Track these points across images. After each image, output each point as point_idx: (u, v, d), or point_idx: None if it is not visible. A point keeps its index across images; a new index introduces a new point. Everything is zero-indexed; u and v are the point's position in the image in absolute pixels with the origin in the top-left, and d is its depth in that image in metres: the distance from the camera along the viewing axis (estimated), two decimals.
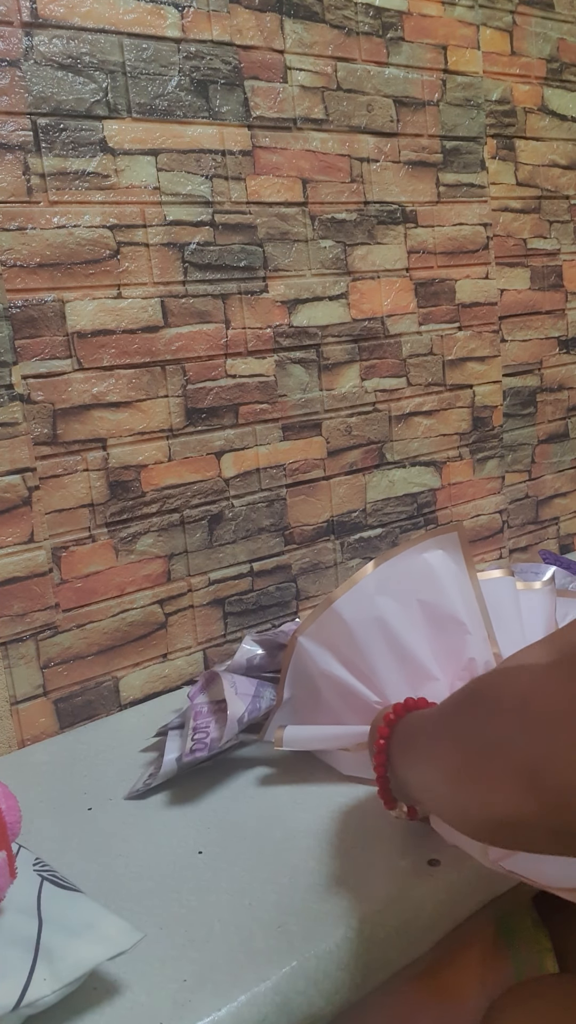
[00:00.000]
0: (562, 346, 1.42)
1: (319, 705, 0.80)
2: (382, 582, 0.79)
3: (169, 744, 0.81)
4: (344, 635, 0.78)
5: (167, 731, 0.85)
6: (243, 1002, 0.52)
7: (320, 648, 0.80)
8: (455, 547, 0.82)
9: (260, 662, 0.86)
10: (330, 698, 0.79)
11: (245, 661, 0.86)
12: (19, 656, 0.92)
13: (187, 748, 0.77)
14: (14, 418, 0.90)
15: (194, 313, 1.01)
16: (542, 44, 1.33)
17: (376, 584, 0.79)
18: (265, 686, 0.83)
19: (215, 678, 0.85)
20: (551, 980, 0.68)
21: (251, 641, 0.89)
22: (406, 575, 0.80)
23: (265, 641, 0.88)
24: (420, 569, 0.81)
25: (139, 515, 1.00)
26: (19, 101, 0.88)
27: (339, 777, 0.78)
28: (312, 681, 0.80)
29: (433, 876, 0.62)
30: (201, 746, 0.77)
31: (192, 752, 0.76)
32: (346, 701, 0.78)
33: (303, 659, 0.81)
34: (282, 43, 1.05)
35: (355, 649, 0.78)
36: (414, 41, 1.17)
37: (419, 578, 0.80)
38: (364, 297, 1.16)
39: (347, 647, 0.78)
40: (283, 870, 0.65)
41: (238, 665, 0.86)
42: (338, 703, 0.79)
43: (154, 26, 0.95)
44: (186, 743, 0.78)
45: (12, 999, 0.49)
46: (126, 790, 0.79)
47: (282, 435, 1.10)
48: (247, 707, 0.79)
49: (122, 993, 0.54)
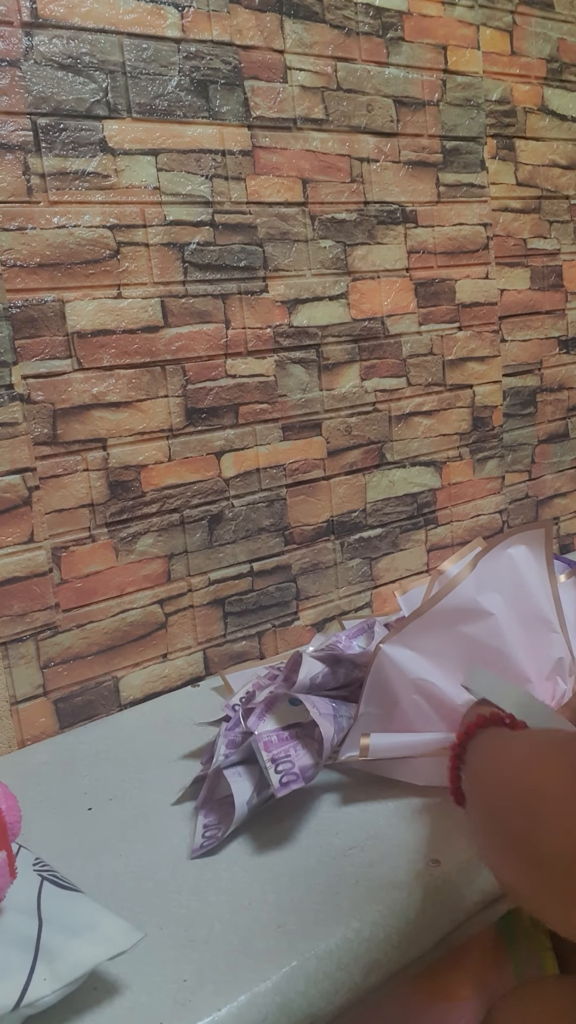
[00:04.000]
0: (562, 346, 1.42)
1: (393, 716, 0.77)
2: (481, 581, 0.77)
3: (235, 787, 0.72)
4: (445, 638, 0.75)
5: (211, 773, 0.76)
6: (243, 1002, 0.52)
7: (411, 654, 0.76)
8: (538, 543, 0.80)
9: (323, 680, 0.81)
10: (410, 707, 0.76)
11: (308, 681, 0.80)
12: (19, 656, 0.92)
13: (276, 782, 0.69)
14: (14, 418, 0.90)
15: (194, 313, 1.01)
16: (542, 44, 1.33)
17: (476, 584, 0.77)
18: (340, 704, 0.78)
19: (276, 702, 0.79)
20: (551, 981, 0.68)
21: (311, 659, 0.83)
22: (496, 572, 0.78)
23: (325, 657, 0.83)
24: (506, 565, 0.79)
25: (139, 515, 1.00)
26: (19, 101, 0.88)
27: (339, 778, 0.78)
28: (391, 691, 0.77)
29: (433, 876, 0.62)
30: (292, 777, 0.70)
31: (285, 785, 0.69)
32: (432, 707, 0.75)
33: (385, 669, 0.77)
34: (282, 43, 1.05)
35: (457, 651, 0.75)
36: (414, 41, 1.17)
37: (506, 574, 0.78)
38: (364, 297, 1.16)
39: (448, 650, 0.75)
40: (283, 870, 0.65)
41: (302, 685, 0.79)
42: (419, 712, 0.75)
43: (154, 26, 0.95)
44: (270, 777, 0.70)
45: (12, 999, 0.49)
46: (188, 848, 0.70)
47: (282, 435, 1.10)
48: (334, 727, 0.74)
49: (122, 993, 0.54)
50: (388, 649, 0.77)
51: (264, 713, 0.78)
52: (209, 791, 0.75)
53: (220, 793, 0.75)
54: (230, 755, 0.76)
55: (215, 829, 0.71)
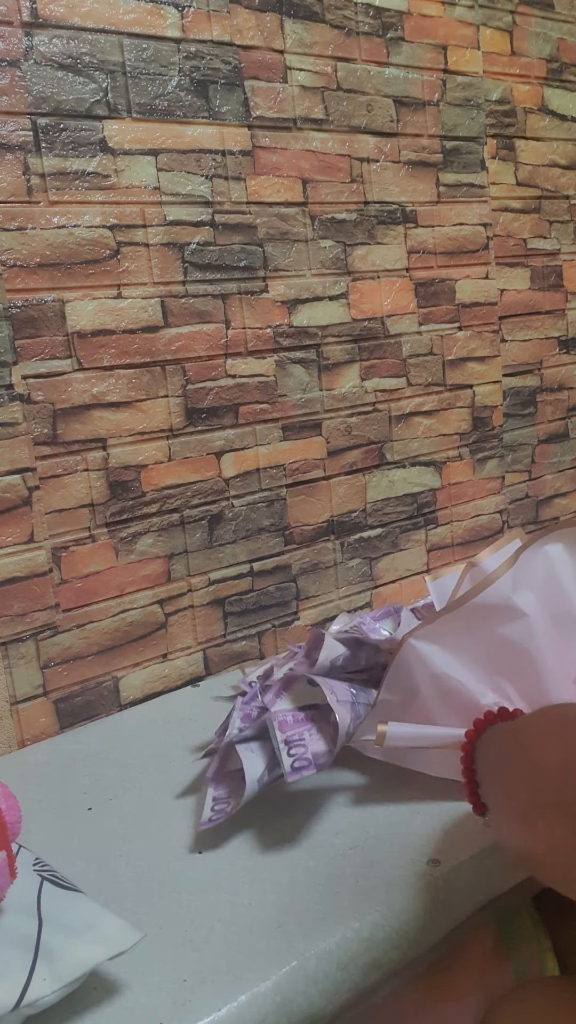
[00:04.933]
0: (562, 346, 1.42)
1: (412, 707, 0.76)
2: (518, 579, 0.75)
3: (246, 763, 0.71)
4: (475, 636, 0.74)
5: (223, 746, 0.76)
6: (243, 1002, 0.52)
7: (437, 649, 0.75)
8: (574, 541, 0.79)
9: (343, 662, 0.80)
10: (430, 701, 0.75)
11: (328, 663, 0.79)
12: (19, 656, 0.92)
13: (287, 766, 0.68)
14: (14, 418, 0.90)
15: (194, 313, 1.01)
16: (542, 44, 1.33)
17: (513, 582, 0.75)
18: (360, 691, 0.76)
19: (294, 681, 0.78)
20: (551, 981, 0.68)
21: (333, 641, 0.81)
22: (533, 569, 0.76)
23: (348, 640, 0.82)
24: (542, 562, 0.77)
25: (139, 515, 1.00)
26: (19, 101, 0.88)
27: (339, 778, 0.78)
28: (412, 682, 0.76)
29: (433, 876, 0.62)
30: (304, 762, 0.69)
31: (296, 770, 0.68)
32: (452, 703, 0.74)
33: (409, 660, 0.75)
34: (282, 43, 1.05)
35: (486, 650, 0.74)
36: (414, 41, 1.17)
37: (542, 572, 0.77)
38: (364, 297, 1.16)
39: (476, 648, 0.74)
40: (283, 870, 0.65)
41: (322, 667, 0.78)
42: (439, 706, 0.74)
43: (154, 26, 0.95)
44: (282, 760, 0.69)
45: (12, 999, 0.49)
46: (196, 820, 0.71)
47: (282, 435, 1.10)
48: (351, 715, 0.72)
49: (122, 993, 0.54)
50: (415, 642, 0.75)
51: (281, 691, 0.77)
52: (221, 763, 0.74)
53: (231, 766, 0.74)
54: (244, 729, 0.75)
55: (224, 803, 0.70)
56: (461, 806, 0.63)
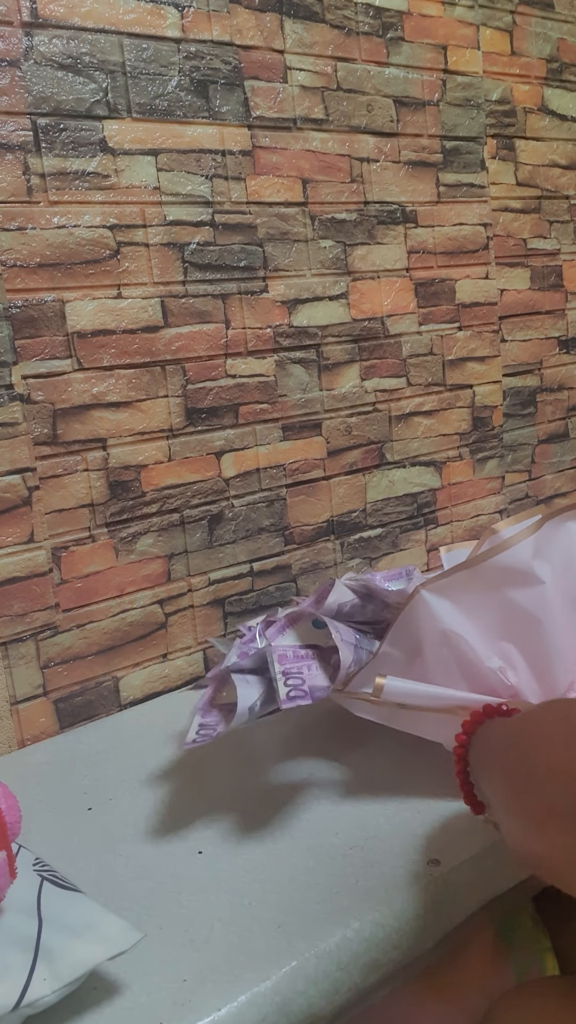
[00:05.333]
0: (562, 346, 1.42)
1: (413, 664, 0.74)
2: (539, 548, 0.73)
3: (240, 691, 0.69)
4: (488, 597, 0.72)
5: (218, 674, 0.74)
6: (243, 1002, 0.52)
7: (448, 604, 0.73)
8: None
9: (350, 610, 0.78)
10: (433, 659, 0.73)
11: (336, 606, 0.77)
12: (19, 656, 0.92)
13: (283, 694, 0.67)
14: (14, 418, 0.90)
15: (194, 313, 1.01)
16: (542, 44, 1.33)
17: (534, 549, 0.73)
18: (364, 637, 0.74)
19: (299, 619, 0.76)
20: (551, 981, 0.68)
21: (344, 586, 0.79)
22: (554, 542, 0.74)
23: (358, 588, 0.80)
24: (563, 537, 0.75)
25: (139, 515, 1.00)
26: (19, 101, 0.88)
27: (339, 778, 0.78)
28: (418, 637, 0.74)
29: (433, 876, 0.62)
30: (300, 693, 0.67)
31: (291, 699, 0.66)
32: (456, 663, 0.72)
33: (418, 613, 0.73)
34: (282, 43, 1.05)
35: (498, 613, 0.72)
36: (414, 41, 1.17)
37: (562, 547, 0.75)
38: (364, 297, 1.16)
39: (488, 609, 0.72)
40: (283, 870, 0.65)
41: (329, 609, 0.76)
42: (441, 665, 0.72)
43: (154, 26, 0.95)
44: (278, 688, 0.67)
45: (12, 999, 0.49)
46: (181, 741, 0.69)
47: (282, 435, 1.10)
48: (353, 657, 0.71)
49: (122, 993, 0.54)
50: (427, 595, 0.73)
51: (285, 628, 0.76)
52: (214, 693, 0.73)
53: (224, 699, 0.72)
54: (241, 662, 0.73)
55: (211, 729, 0.68)
56: (461, 806, 0.63)
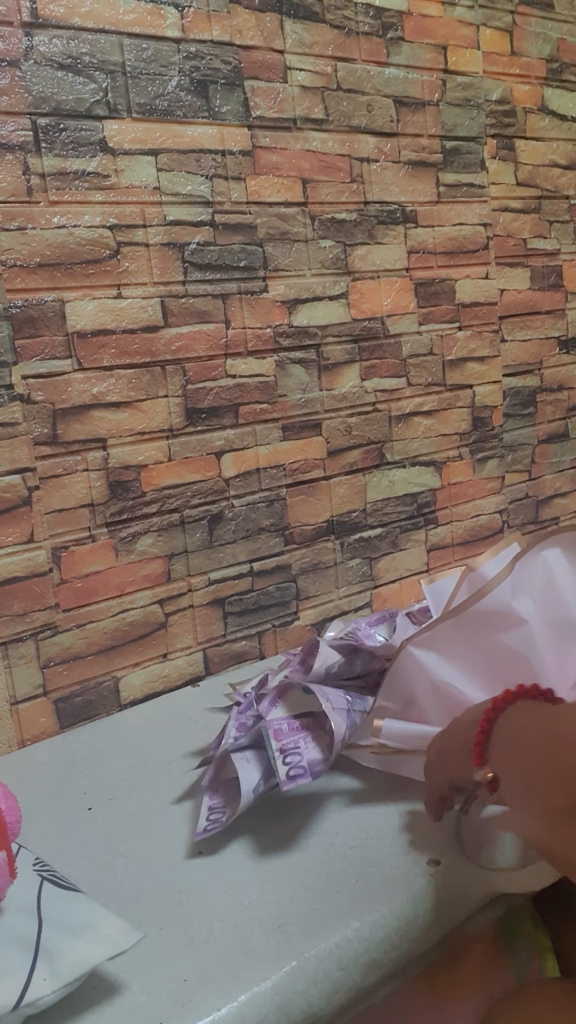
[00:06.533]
0: (562, 346, 1.42)
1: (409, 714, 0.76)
2: (517, 585, 0.75)
3: (242, 773, 0.71)
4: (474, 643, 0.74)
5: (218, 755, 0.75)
6: (243, 1002, 0.52)
7: (436, 657, 0.74)
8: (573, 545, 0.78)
9: (338, 670, 0.80)
10: (427, 708, 0.75)
11: (324, 671, 0.78)
12: (19, 656, 0.92)
13: (283, 774, 0.68)
14: (14, 418, 0.90)
15: (194, 313, 1.01)
16: (542, 44, 1.33)
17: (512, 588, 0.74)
18: (355, 698, 0.76)
19: (289, 689, 0.78)
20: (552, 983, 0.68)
21: (328, 648, 0.81)
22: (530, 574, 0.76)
23: (343, 647, 0.82)
24: (540, 567, 0.77)
25: (139, 515, 1.00)
26: (19, 101, 0.88)
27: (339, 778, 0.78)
28: (410, 690, 0.75)
29: (433, 876, 0.62)
30: (300, 771, 0.68)
31: (292, 779, 0.68)
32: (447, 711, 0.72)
33: (407, 668, 0.75)
34: (282, 43, 1.05)
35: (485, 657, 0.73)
36: (414, 41, 1.17)
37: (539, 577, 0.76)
38: (364, 297, 1.16)
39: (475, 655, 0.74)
40: (283, 870, 0.65)
41: (317, 675, 0.78)
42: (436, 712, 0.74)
43: (154, 26, 0.95)
44: (277, 768, 0.69)
45: (12, 999, 0.49)
46: (192, 830, 0.70)
47: (282, 435, 1.10)
48: (347, 723, 0.72)
49: (122, 993, 0.54)
50: (414, 650, 0.75)
51: (276, 699, 0.77)
52: (216, 772, 0.74)
53: (227, 775, 0.74)
54: (239, 738, 0.75)
55: (220, 813, 0.70)
56: None
